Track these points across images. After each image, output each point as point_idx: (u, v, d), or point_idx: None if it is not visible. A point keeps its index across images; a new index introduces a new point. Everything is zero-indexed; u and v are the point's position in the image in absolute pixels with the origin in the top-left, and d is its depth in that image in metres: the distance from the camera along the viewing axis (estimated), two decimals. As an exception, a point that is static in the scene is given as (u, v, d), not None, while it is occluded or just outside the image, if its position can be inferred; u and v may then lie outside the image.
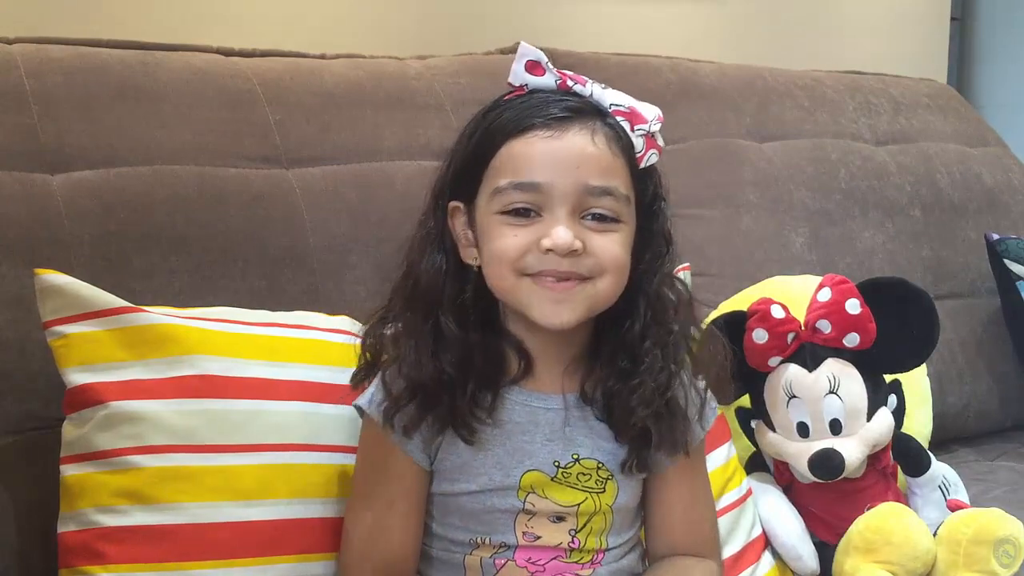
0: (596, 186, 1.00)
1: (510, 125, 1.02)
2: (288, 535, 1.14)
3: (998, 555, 1.30)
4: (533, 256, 1.00)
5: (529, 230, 1.00)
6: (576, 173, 1.00)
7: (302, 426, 1.18)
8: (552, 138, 1.01)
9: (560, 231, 0.99)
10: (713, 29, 2.31)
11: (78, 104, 1.37)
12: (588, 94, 1.04)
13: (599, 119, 1.03)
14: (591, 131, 1.02)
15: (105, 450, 1.12)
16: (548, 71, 1.04)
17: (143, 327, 1.16)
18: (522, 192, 1.00)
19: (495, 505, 1.07)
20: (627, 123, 1.03)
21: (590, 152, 1.01)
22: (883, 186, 2.01)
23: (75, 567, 1.11)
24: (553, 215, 1.00)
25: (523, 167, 1.00)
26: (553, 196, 1.00)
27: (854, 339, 1.37)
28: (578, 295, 1.01)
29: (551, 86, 1.04)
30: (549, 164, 1.00)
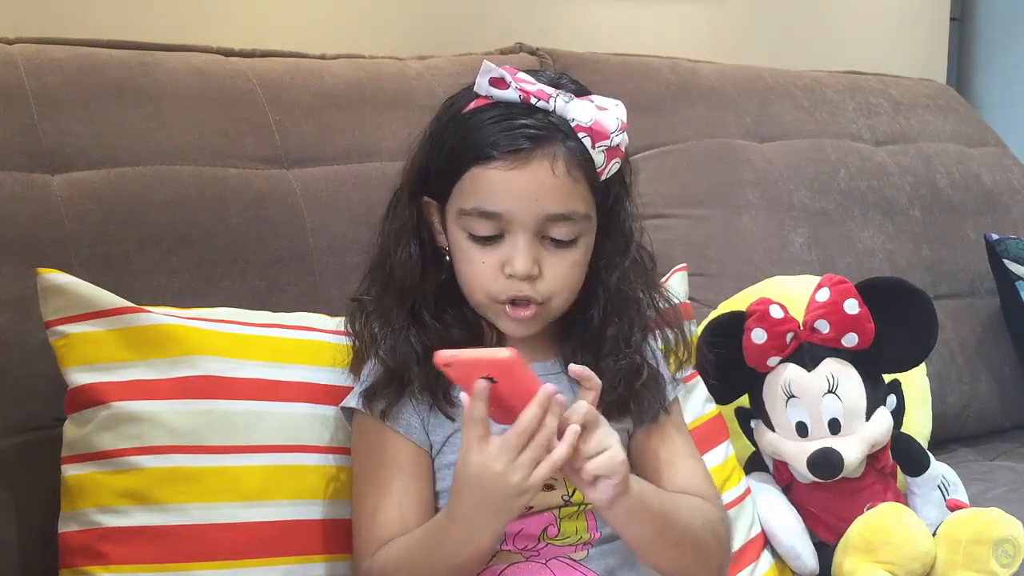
0: (555, 214, 1.06)
1: (473, 150, 1.07)
2: (289, 536, 1.14)
3: (997, 555, 1.31)
4: (499, 281, 1.08)
5: (493, 255, 1.08)
6: (536, 205, 1.06)
7: (304, 427, 1.18)
8: (514, 169, 1.05)
9: (518, 261, 1.06)
10: (713, 29, 2.31)
11: (78, 104, 1.37)
12: (551, 109, 1.07)
13: (560, 142, 1.07)
14: (551, 159, 1.06)
15: (106, 450, 1.12)
16: (511, 87, 1.07)
17: (145, 327, 1.16)
18: (485, 219, 1.07)
19: None
20: (589, 139, 1.07)
21: (549, 184, 1.06)
22: (883, 186, 2.01)
23: (76, 567, 1.11)
24: (514, 239, 1.07)
25: (486, 195, 1.06)
26: (514, 223, 1.06)
27: (853, 339, 1.38)
28: (535, 316, 1.09)
29: (514, 100, 1.08)
30: (510, 195, 1.06)
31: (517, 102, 1.07)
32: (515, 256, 1.06)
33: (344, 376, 1.21)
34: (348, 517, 1.16)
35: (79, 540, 1.12)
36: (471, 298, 1.11)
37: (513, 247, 1.07)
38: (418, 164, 1.13)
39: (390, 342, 1.11)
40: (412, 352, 1.10)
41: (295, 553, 1.15)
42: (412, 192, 1.13)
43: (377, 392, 1.11)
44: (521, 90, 1.07)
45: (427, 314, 1.12)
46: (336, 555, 1.16)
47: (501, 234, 1.07)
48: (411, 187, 1.14)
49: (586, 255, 1.11)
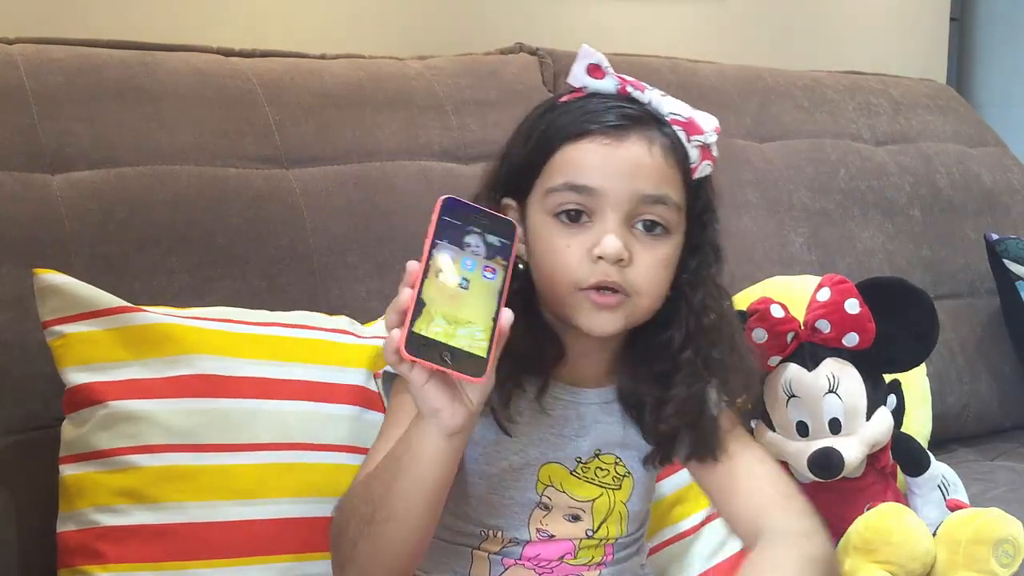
0: (650, 195, 1.01)
1: (568, 129, 1.03)
2: (287, 534, 1.15)
3: (998, 555, 1.30)
4: (585, 267, 1.01)
5: (580, 238, 1.01)
6: (631, 182, 1.01)
7: (301, 425, 1.18)
8: (610, 145, 1.01)
9: (610, 240, 1.00)
10: (713, 29, 2.31)
11: (78, 104, 1.37)
12: (647, 101, 1.04)
13: (656, 128, 1.03)
14: (648, 140, 1.02)
15: (104, 450, 1.12)
16: (608, 75, 1.04)
17: (142, 327, 1.16)
18: (576, 194, 1.01)
19: (512, 497, 1.06)
20: (684, 133, 1.04)
21: (646, 162, 1.01)
22: (883, 186, 2.01)
23: (74, 567, 1.11)
24: (604, 221, 1.01)
25: (579, 170, 1.01)
26: (606, 201, 1.01)
27: (853, 339, 1.37)
28: (619, 308, 1.02)
29: (611, 90, 1.04)
30: (605, 170, 1.01)
31: (613, 92, 1.04)
32: (604, 237, 1.00)
33: (344, 375, 1.21)
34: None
35: (77, 540, 1.12)
36: (553, 290, 1.03)
37: (603, 229, 1.00)
38: (500, 162, 1.09)
39: None
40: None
41: (293, 551, 1.15)
42: (490, 194, 1.07)
43: None
44: (620, 78, 1.04)
45: None
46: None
47: (590, 217, 1.01)
48: (489, 187, 1.08)
49: (675, 256, 1.05)
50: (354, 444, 1.20)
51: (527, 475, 1.07)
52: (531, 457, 1.07)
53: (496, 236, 0.93)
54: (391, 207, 1.50)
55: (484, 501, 1.07)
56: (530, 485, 1.07)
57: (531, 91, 1.75)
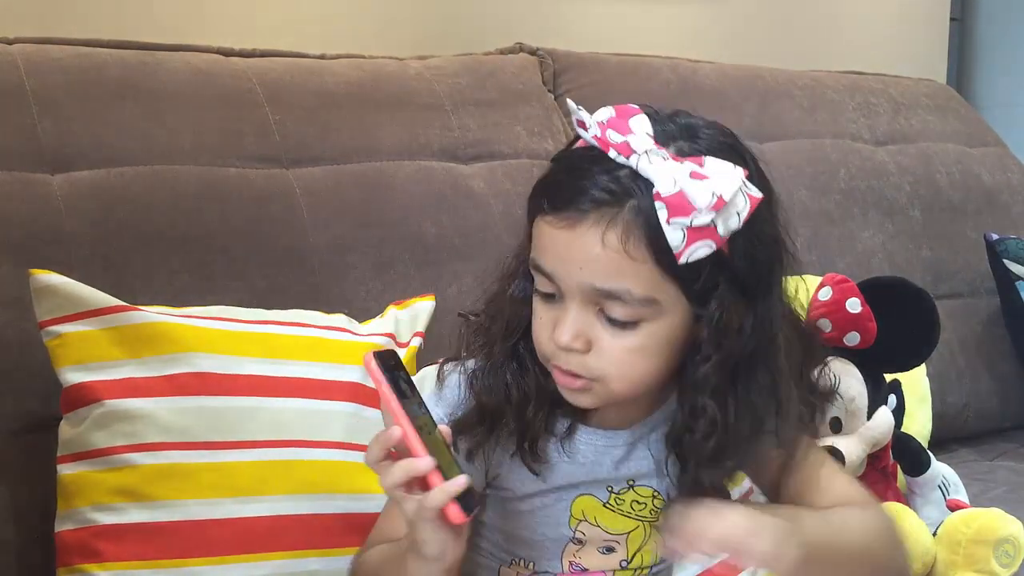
0: (601, 289, 0.91)
1: (538, 197, 0.95)
2: (285, 531, 1.15)
3: (998, 555, 1.30)
4: (550, 343, 0.95)
5: (550, 313, 0.95)
6: (579, 273, 0.91)
7: (299, 423, 1.18)
8: (564, 229, 0.91)
9: (559, 330, 0.93)
10: (713, 29, 2.31)
11: (78, 104, 1.37)
12: (632, 165, 0.90)
13: (625, 209, 0.90)
14: (604, 226, 0.90)
15: (101, 448, 1.12)
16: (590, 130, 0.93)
17: (138, 326, 1.16)
18: (539, 273, 0.95)
19: (545, 534, 1.04)
20: (665, 212, 0.88)
21: (595, 253, 0.90)
22: (883, 186, 2.01)
23: (73, 566, 1.11)
24: (566, 304, 0.94)
25: (539, 251, 0.95)
26: (563, 286, 0.93)
27: (854, 338, 1.37)
28: (587, 392, 0.96)
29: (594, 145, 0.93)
30: (556, 256, 0.93)
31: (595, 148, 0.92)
32: (560, 323, 0.93)
33: (341, 372, 1.21)
34: (342, 512, 1.17)
35: (75, 539, 1.12)
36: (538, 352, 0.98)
37: (563, 312, 0.93)
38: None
39: (488, 379, 0.99)
40: (506, 394, 0.98)
41: (290, 548, 1.15)
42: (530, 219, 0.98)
43: (465, 429, 0.99)
44: (599, 140, 0.91)
45: (528, 358, 0.98)
46: (331, 549, 1.16)
47: (560, 296, 0.94)
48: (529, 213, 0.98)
49: (655, 343, 0.93)
50: (351, 441, 1.20)
51: (559, 511, 1.03)
52: (563, 493, 1.03)
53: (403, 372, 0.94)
54: (391, 207, 1.50)
55: (514, 537, 1.05)
56: (563, 521, 1.03)
57: (531, 91, 1.75)
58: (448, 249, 1.49)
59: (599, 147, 0.91)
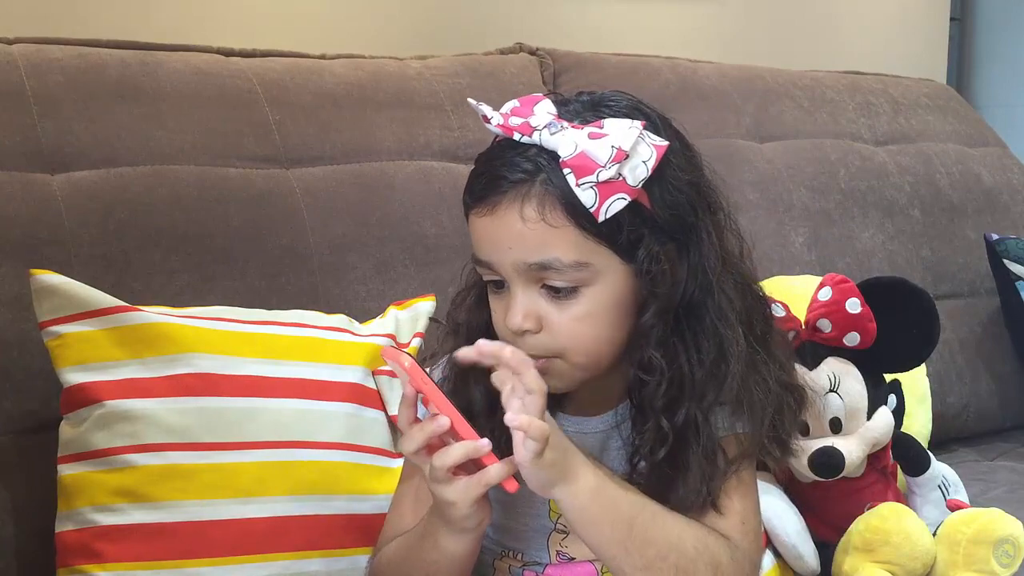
0: (532, 263, 0.94)
1: (465, 195, 0.99)
2: (285, 532, 1.15)
3: (998, 555, 1.30)
4: (509, 336, 0.97)
5: (503, 303, 0.98)
6: (509, 254, 0.95)
7: (299, 423, 1.18)
8: (486, 216, 0.96)
9: (509, 316, 0.96)
10: (713, 29, 2.31)
11: (78, 104, 1.37)
12: (536, 142, 0.94)
13: (536, 183, 0.94)
14: (520, 203, 0.94)
15: (101, 449, 1.12)
16: (491, 124, 0.97)
17: (138, 326, 1.16)
18: (482, 267, 0.99)
19: (528, 524, 1.05)
20: (572, 176, 0.92)
21: (517, 229, 0.94)
22: (883, 186, 2.01)
23: (73, 566, 1.11)
24: (511, 292, 0.97)
25: (476, 245, 0.98)
26: (502, 273, 0.97)
27: (854, 338, 1.37)
28: (553, 369, 0.97)
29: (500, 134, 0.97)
30: (487, 244, 0.97)
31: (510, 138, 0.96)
32: (510, 311, 0.96)
33: (341, 373, 1.21)
34: (343, 512, 1.17)
35: (75, 539, 1.12)
36: None
37: (509, 301, 0.97)
38: None
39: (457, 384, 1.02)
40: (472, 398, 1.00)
41: (290, 549, 1.15)
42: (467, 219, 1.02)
43: None
44: (501, 127, 0.96)
45: None
46: (331, 550, 1.16)
47: (507, 284, 0.97)
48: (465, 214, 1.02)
49: (601, 307, 0.96)
50: (351, 442, 1.20)
51: (538, 502, 1.04)
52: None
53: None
54: (391, 207, 1.50)
55: (502, 527, 1.06)
56: (543, 512, 1.05)
57: (531, 91, 1.72)
58: (448, 249, 1.49)
59: (504, 134, 0.96)
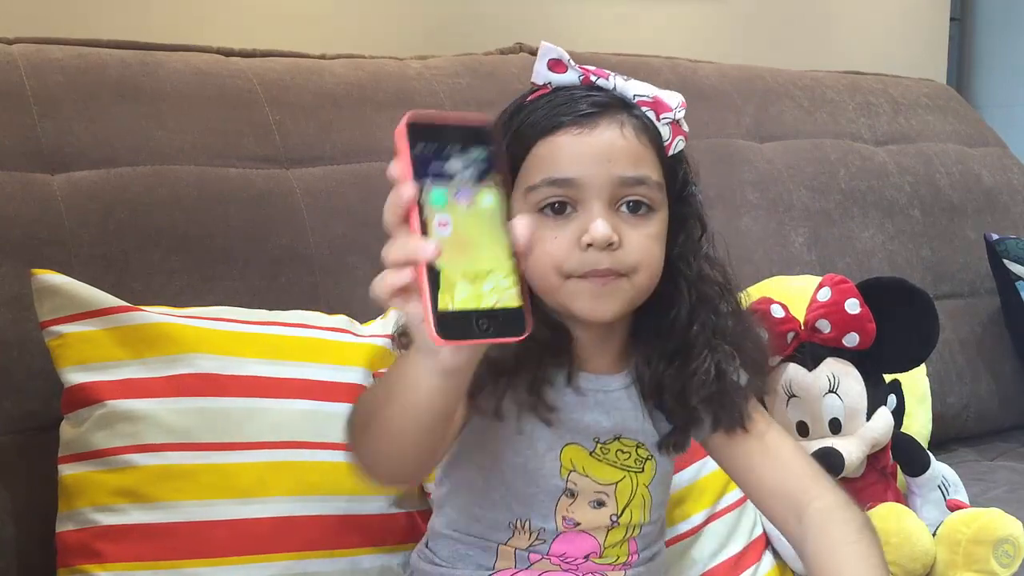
0: (629, 176, 1.01)
1: (539, 125, 1.03)
2: (286, 533, 1.15)
3: (997, 555, 1.31)
4: (575, 257, 1.00)
5: (567, 228, 1.01)
6: (608, 167, 1.01)
7: (300, 424, 1.18)
8: (582, 134, 1.02)
9: (598, 225, 0.99)
10: (713, 29, 2.31)
11: (78, 104, 1.37)
12: (611, 87, 1.05)
13: (625, 111, 1.04)
14: (619, 124, 1.03)
15: (102, 449, 1.12)
16: (570, 68, 1.05)
17: (140, 326, 1.16)
18: (556, 188, 1.01)
19: (539, 485, 1.06)
20: (652, 113, 1.04)
21: (620, 145, 1.02)
22: (883, 186, 2.02)
23: (73, 566, 1.11)
24: (588, 209, 1.01)
25: (555, 164, 1.01)
26: (587, 190, 1.01)
27: (854, 339, 1.37)
28: (617, 290, 1.02)
29: (574, 82, 1.05)
30: (581, 159, 1.01)
31: (577, 84, 1.05)
32: (592, 223, 0.99)
33: (343, 374, 1.21)
34: (343, 513, 1.16)
35: (76, 539, 1.12)
36: (540, 283, 1.01)
37: (588, 216, 1.00)
38: None
39: None
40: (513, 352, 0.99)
41: (291, 549, 1.15)
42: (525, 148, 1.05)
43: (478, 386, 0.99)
44: (581, 68, 1.05)
45: None
46: (331, 551, 1.16)
47: (574, 208, 1.01)
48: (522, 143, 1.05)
49: (663, 232, 1.05)
50: (352, 443, 1.20)
51: (550, 460, 1.06)
52: (552, 441, 1.06)
53: (478, 148, 0.77)
54: (391, 207, 1.50)
55: (511, 490, 1.06)
56: (554, 471, 1.06)
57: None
58: (448, 249, 1.49)
59: (579, 78, 1.05)
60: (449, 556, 1.09)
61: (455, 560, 1.08)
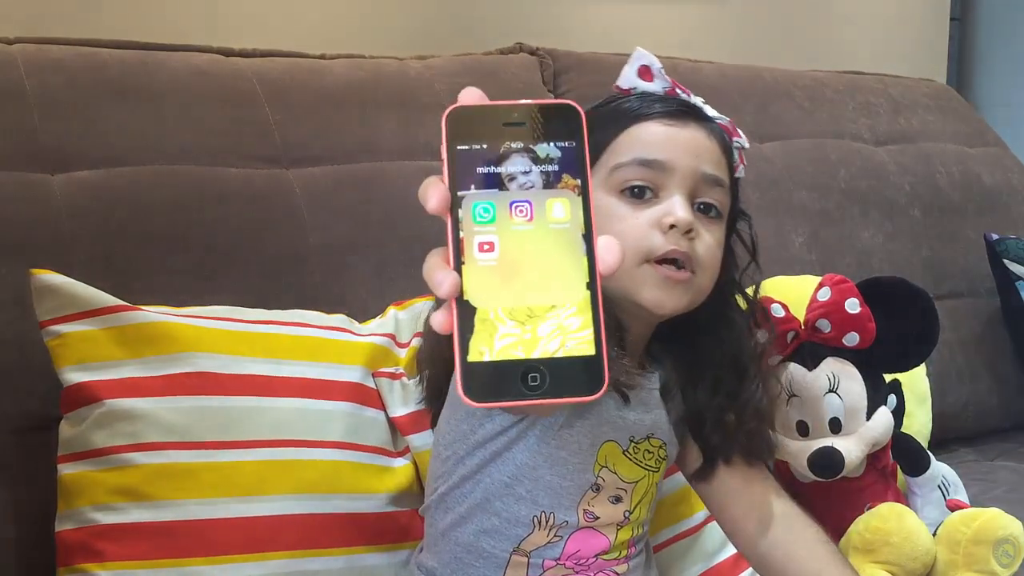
0: (711, 174, 1.05)
1: (633, 111, 1.07)
2: (286, 531, 1.14)
3: (998, 555, 1.31)
4: (654, 237, 1.01)
5: (647, 211, 1.03)
6: (695, 160, 1.04)
7: (299, 422, 1.18)
8: (674, 126, 1.05)
9: (682, 208, 1.02)
10: (713, 29, 2.31)
11: (78, 104, 1.37)
12: (693, 104, 1.09)
13: (708, 122, 1.08)
14: (707, 128, 1.07)
15: (101, 448, 1.12)
16: (658, 77, 1.08)
17: (138, 325, 1.16)
18: (645, 169, 1.03)
19: (572, 479, 1.06)
20: (726, 135, 1.09)
21: (707, 145, 1.06)
22: (883, 186, 2.02)
23: (73, 566, 1.11)
24: (670, 195, 1.03)
25: (647, 146, 1.04)
26: (673, 176, 1.03)
27: (854, 338, 1.37)
28: (686, 286, 1.03)
29: (659, 92, 1.08)
30: (672, 146, 1.04)
31: (661, 94, 1.08)
32: (675, 207, 1.02)
33: (341, 372, 1.21)
34: (342, 511, 1.16)
35: (76, 538, 1.12)
36: None
37: (670, 202, 1.02)
38: None
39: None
40: None
41: (290, 548, 1.15)
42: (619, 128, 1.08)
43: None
44: (670, 80, 1.09)
45: None
46: (331, 549, 1.16)
47: (655, 193, 1.03)
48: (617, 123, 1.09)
49: (723, 243, 1.09)
50: (351, 441, 1.20)
51: (589, 457, 1.07)
52: (596, 437, 1.07)
53: (553, 140, 0.60)
54: (391, 207, 1.50)
55: (541, 483, 1.06)
56: (588, 466, 1.07)
57: (531, 91, 1.75)
58: (448, 249, 1.49)
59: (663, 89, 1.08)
60: (450, 560, 1.08)
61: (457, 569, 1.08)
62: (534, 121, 0.60)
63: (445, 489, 1.08)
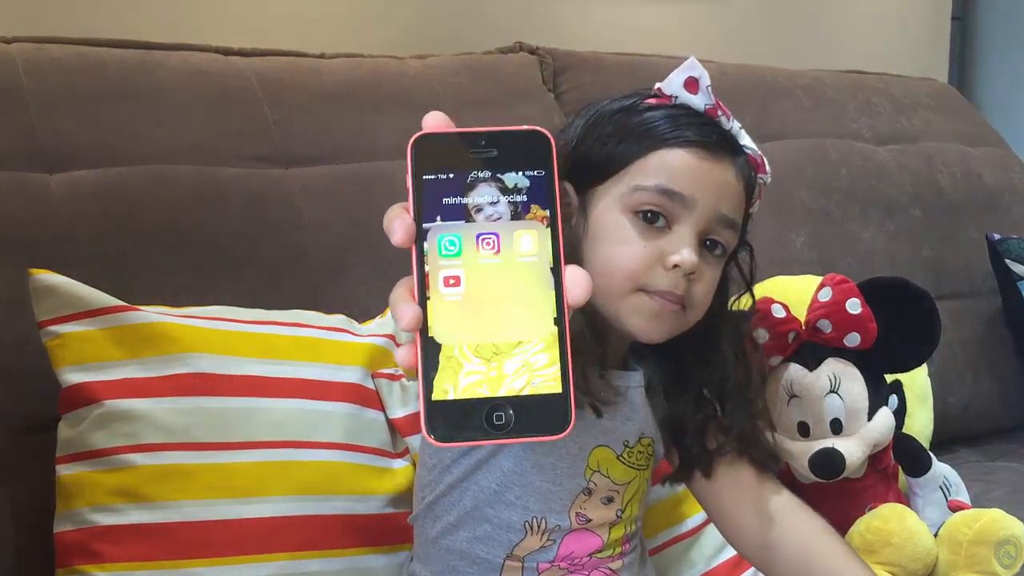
0: (728, 217, 1.04)
1: (668, 133, 1.03)
2: (284, 532, 1.14)
3: (999, 556, 1.30)
4: (656, 273, 1.01)
5: (656, 242, 1.01)
6: (717, 200, 1.03)
7: (298, 423, 1.18)
8: (707, 160, 1.03)
9: (690, 252, 1.00)
10: (713, 29, 2.31)
11: (77, 104, 1.37)
12: (729, 128, 1.06)
13: (740, 158, 1.06)
14: (736, 167, 1.05)
15: (100, 449, 1.12)
16: (702, 93, 1.05)
17: (137, 326, 1.16)
18: (664, 198, 1.01)
19: (562, 484, 1.06)
20: (753, 169, 1.07)
21: (732, 185, 1.04)
22: (884, 186, 2.01)
23: (72, 567, 1.11)
24: (681, 231, 1.01)
25: (674, 176, 1.02)
26: (692, 212, 1.01)
27: (855, 339, 1.37)
28: (675, 318, 1.03)
29: (699, 107, 1.05)
30: (699, 183, 1.02)
31: (700, 109, 1.05)
32: (684, 247, 1.00)
33: (341, 373, 1.20)
34: (342, 512, 1.16)
35: (74, 539, 1.11)
36: (609, 282, 1.00)
37: (680, 239, 1.01)
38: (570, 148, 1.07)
39: None
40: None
41: (289, 549, 1.14)
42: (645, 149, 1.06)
43: None
44: (715, 99, 1.06)
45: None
46: (330, 550, 1.16)
47: (668, 224, 1.01)
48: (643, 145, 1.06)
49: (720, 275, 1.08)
50: (351, 442, 1.20)
51: (579, 462, 1.07)
52: (584, 442, 1.07)
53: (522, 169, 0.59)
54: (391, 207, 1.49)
55: (531, 489, 1.06)
56: (579, 471, 1.07)
57: (531, 90, 1.75)
58: (448, 249, 1.49)
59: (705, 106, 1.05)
60: (443, 568, 1.08)
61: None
62: (502, 149, 0.60)
63: (433, 498, 1.08)
